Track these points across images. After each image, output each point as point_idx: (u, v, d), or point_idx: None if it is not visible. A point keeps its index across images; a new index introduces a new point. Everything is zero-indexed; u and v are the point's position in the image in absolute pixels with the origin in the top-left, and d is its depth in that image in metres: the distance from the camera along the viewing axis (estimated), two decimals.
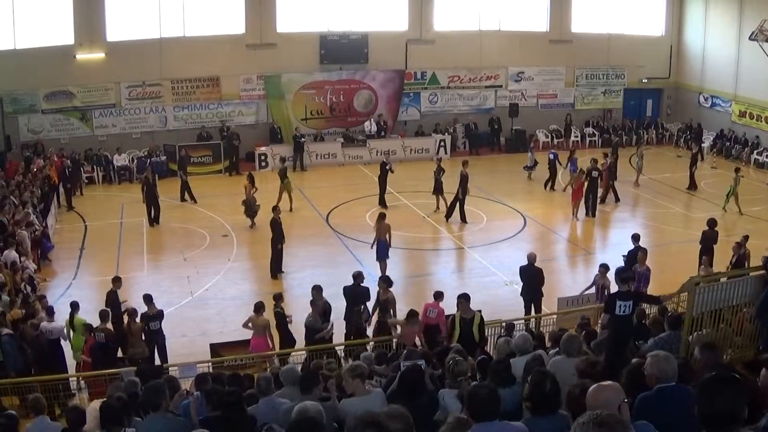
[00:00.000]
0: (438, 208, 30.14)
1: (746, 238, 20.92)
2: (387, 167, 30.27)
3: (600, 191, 30.63)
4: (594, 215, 29.76)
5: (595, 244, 27.18)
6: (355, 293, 18.45)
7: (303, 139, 37.70)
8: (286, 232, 24.30)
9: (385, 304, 17.38)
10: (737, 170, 30.52)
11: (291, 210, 29.18)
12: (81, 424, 9.04)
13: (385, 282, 17.75)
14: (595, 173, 29.71)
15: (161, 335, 17.61)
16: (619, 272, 13.97)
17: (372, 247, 23.33)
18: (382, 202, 30.43)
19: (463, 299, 15.61)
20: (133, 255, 25.78)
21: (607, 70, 44.03)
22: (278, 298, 18.10)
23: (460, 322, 15.30)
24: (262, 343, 17.12)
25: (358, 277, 18.61)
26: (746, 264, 19.60)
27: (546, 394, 6.66)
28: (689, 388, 6.36)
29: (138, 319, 17.24)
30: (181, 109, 37.46)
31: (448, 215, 29.23)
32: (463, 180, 28.58)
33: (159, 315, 17.54)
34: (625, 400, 5.19)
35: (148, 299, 17.61)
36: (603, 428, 4.12)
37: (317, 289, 17.56)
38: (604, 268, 18.92)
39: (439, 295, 17.12)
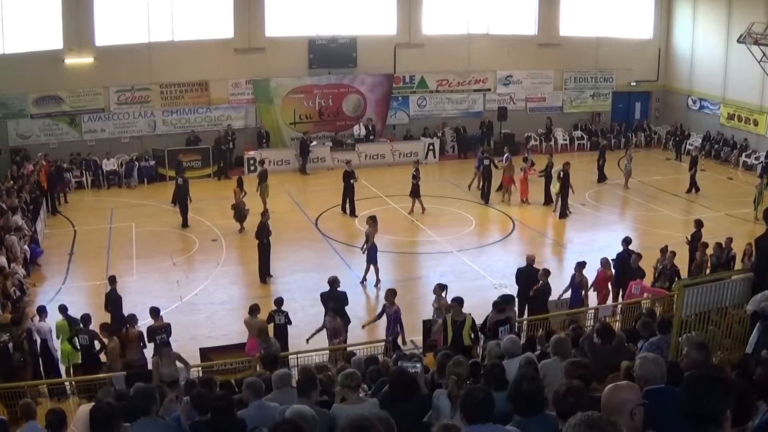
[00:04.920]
0: (413, 210, 30.27)
1: (582, 264, 20.19)
2: (352, 181, 30.20)
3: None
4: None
5: (584, 247, 27.19)
6: (333, 298, 18.56)
7: (314, 142, 38.06)
8: (276, 236, 24.28)
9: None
10: (761, 176, 30.86)
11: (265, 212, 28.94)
12: (61, 427, 9.02)
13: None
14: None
15: (169, 347, 17.56)
16: (497, 303, 16.01)
17: (364, 250, 23.37)
18: (353, 212, 30.27)
19: (456, 303, 15.73)
20: (122, 259, 25.68)
21: (596, 74, 44.13)
22: (279, 302, 18.20)
23: (452, 324, 15.36)
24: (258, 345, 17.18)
25: (334, 282, 18.77)
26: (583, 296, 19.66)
27: (524, 394, 6.65)
28: (678, 390, 6.37)
29: (144, 332, 17.21)
30: (170, 113, 37.39)
31: (563, 214, 30.02)
32: (566, 177, 29.57)
33: (165, 328, 17.44)
34: (642, 404, 5.12)
35: (154, 312, 17.54)
36: (594, 429, 4.08)
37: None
38: (440, 287, 18.65)
39: (642, 274, 19.73)
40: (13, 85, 33.70)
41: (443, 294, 18.28)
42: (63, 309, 17.89)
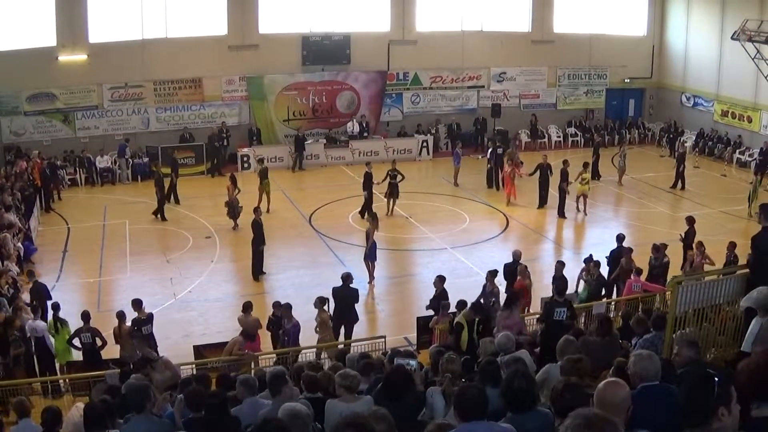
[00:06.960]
0: (389, 212, 29.83)
1: (494, 272, 19.65)
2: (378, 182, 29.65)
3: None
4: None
5: (578, 243, 27.25)
6: (345, 295, 18.47)
7: (309, 140, 38.08)
8: (269, 234, 24.26)
9: None
10: (756, 173, 30.89)
11: (268, 211, 28.86)
12: (56, 424, 9.00)
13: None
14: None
15: (153, 338, 17.46)
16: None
17: (370, 248, 23.19)
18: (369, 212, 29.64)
19: (471, 309, 15.59)
20: (116, 257, 25.65)
21: (590, 71, 44.14)
22: (277, 306, 18.04)
23: (468, 323, 15.20)
24: (252, 343, 17.14)
25: (347, 278, 18.65)
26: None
27: (515, 390, 6.64)
28: (672, 387, 6.38)
29: (128, 323, 17.13)
30: (164, 110, 37.30)
31: (561, 212, 29.72)
32: (564, 175, 29.53)
33: (149, 319, 17.41)
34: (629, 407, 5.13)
35: (137, 304, 17.44)
36: (592, 429, 4.06)
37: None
38: (321, 300, 17.99)
39: (639, 271, 19.23)
40: (6, 83, 33.54)
41: (324, 307, 17.88)
42: (55, 307, 17.84)
